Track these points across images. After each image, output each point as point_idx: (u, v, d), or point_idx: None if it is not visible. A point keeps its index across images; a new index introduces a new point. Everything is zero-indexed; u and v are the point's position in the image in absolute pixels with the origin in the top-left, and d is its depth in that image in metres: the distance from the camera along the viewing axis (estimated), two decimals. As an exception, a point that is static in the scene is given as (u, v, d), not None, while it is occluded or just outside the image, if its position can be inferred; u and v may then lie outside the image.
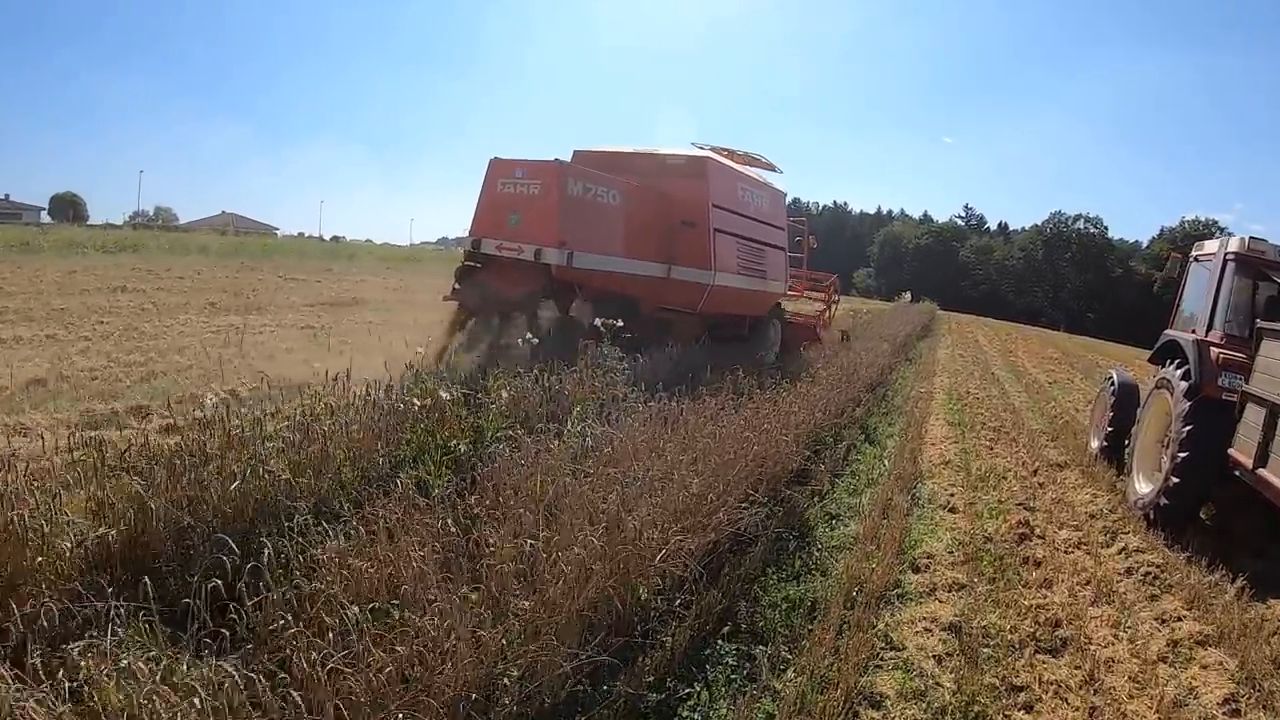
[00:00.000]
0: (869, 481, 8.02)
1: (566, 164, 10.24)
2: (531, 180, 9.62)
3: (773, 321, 14.77)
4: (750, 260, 12.80)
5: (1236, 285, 7.91)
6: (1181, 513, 7.44)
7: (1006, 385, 17.50)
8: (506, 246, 9.57)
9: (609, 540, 4.20)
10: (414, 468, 5.30)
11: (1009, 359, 24.93)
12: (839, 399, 10.00)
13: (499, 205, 9.76)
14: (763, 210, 13.36)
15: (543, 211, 9.40)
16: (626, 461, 5.48)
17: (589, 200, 9.89)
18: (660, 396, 7.32)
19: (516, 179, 9.71)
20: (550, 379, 7.21)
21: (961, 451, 9.77)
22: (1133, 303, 79.36)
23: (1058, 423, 13.14)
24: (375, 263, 38.11)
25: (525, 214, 9.52)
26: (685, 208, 11.31)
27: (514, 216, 9.59)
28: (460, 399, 6.23)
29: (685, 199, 11.33)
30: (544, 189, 9.50)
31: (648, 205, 11.03)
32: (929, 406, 12.74)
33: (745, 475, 5.97)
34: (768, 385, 8.84)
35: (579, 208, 9.70)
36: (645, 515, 4.59)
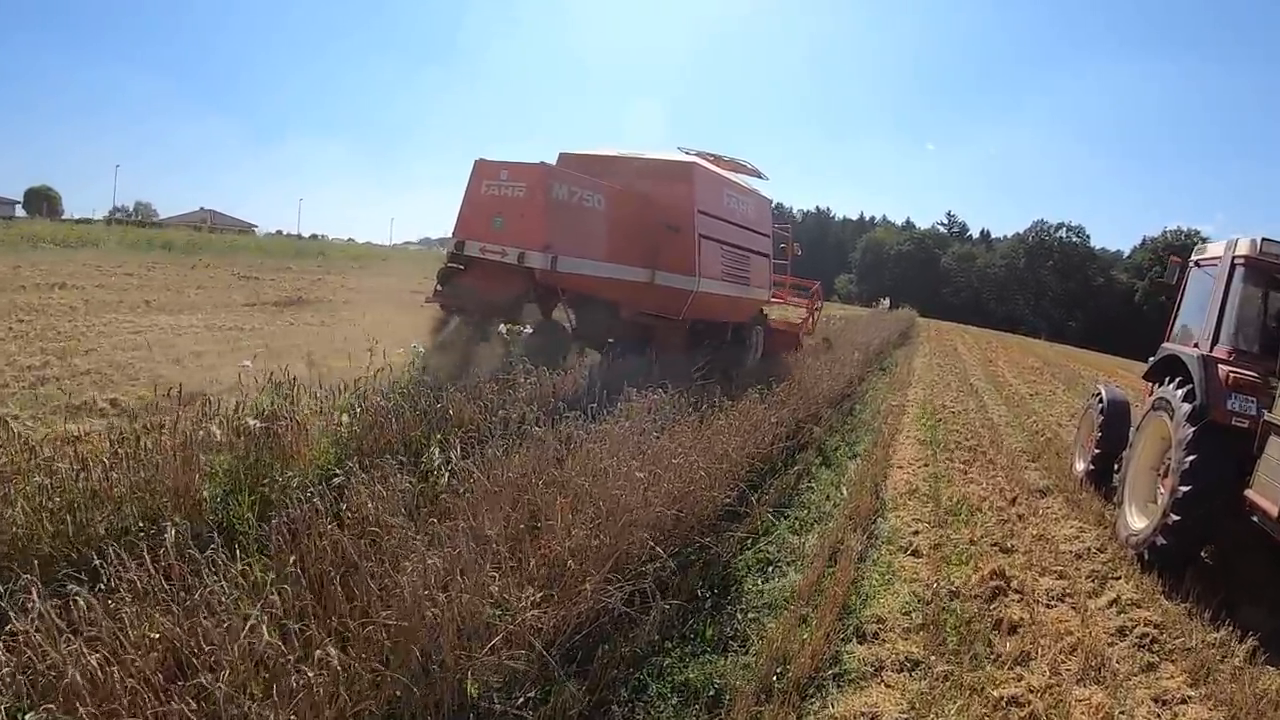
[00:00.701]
0: (819, 516, 6.86)
1: (552, 167, 10.15)
2: (516, 182, 9.52)
3: (755, 328, 14.66)
4: (734, 267, 12.67)
5: (1246, 294, 6.93)
6: (1181, 555, 6.48)
7: (985, 397, 16.45)
8: (490, 249, 9.46)
9: (409, 629, 3.00)
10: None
11: (989, 368, 23.95)
12: (795, 416, 8.83)
13: (483, 207, 9.66)
14: (748, 216, 13.23)
15: (527, 214, 9.34)
16: (483, 510, 4.29)
17: (574, 204, 9.78)
18: (568, 417, 6.17)
19: (501, 181, 9.61)
20: (429, 396, 6.08)
21: (932, 477, 8.64)
22: (1114, 312, 79.48)
23: (1039, 440, 12.09)
24: (344, 261, 37.12)
25: (509, 216, 9.44)
26: (670, 213, 11.19)
27: (498, 219, 9.49)
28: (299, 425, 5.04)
29: (670, 204, 11.22)
30: (529, 191, 9.43)
31: (632, 209, 10.90)
32: (900, 422, 11.63)
33: (651, 520, 4.78)
34: (706, 404, 7.62)
35: (564, 211, 9.59)
36: (478, 585, 3.39)
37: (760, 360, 14.27)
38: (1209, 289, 7.42)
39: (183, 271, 23.57)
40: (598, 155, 11.75)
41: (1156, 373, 7.72)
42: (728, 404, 7.86)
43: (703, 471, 5.61)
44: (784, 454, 8.02)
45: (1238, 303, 6.88)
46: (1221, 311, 6.93)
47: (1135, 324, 75.80)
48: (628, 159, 11.80)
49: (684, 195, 11.31)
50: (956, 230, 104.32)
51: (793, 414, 8.80)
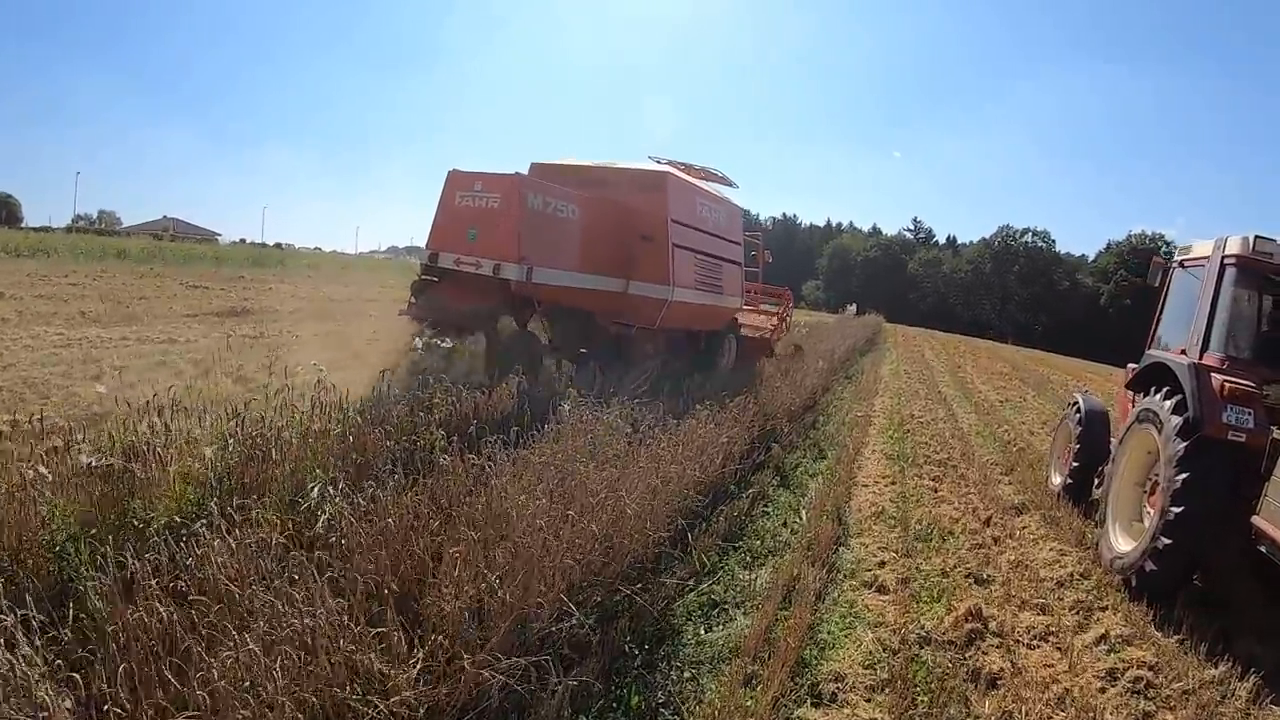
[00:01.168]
0: (774, 547, 6.16)
1: (526, 177, 10.09)
2: (490, 193, 9.49)
3: (728, 336, 14.76)
4: (708, 275, 12.76)
5: (1238, 296, 6.41)
6: (1173, 582, 5.93)
7: (954, 405, 15.92)
8: (464, 261, 9.45)
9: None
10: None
11: (957, 375, 23.52)
12: (750, 433, 8.14)
13: (457, 218, 9.63)
14: (720, 225, 13.35)
15: (502, 226, 9.29)
16: (360, 562, 3.54)
17: (548, 214, 9.78)
18: (492, 441, 5.42)
19: (475, 192, 9.59)
20: (330, 419, 5.30)
21: (900, 496, 7.99)
22: (1080, 315, 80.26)
23: (1012, 450, 11.54)
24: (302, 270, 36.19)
25: (484, 228, 9.40)
26: (644, 222, 11.25)
27: (472, 230, 9.46)
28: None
29: (644, 213, 11.27)
30: (503, 203, 9.38)
31: (606, 219, 10.92)
32: (865, 435, 10.99)
33: (566, 568, 4.05)
34: (648, 422, 6.89)
35: (538, 222, 9.56)
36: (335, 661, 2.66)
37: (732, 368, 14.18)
38: (1195, 292, 6.93)
39: (130, 281, 23.18)
40: (570, 165, 11.80)
41: (1141, 382, 7.16)
42: (673, 423, 7.13)
43: (633, 508, 4.85)
44: (737, 476, 7.31)
45: (1229, 306, 6.37)
46: (1211, 316, 6.41)
47: (1100, 327, 76.66)
48: (600, 169, 11.83)
49: (657, 205, 11.35)
50: (923, 236, 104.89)
51: (748, 431, 8.09)
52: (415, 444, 5.44)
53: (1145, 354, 7.57)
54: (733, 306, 14.50)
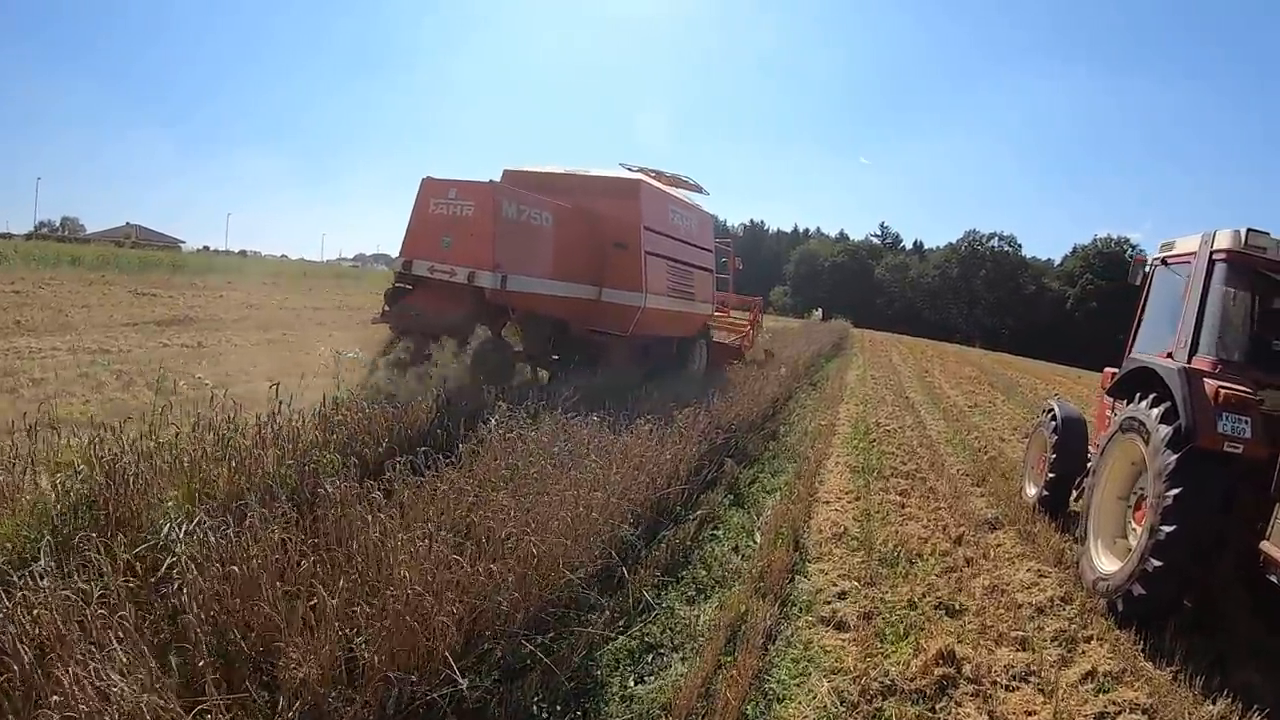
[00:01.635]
0: (722, 577, 5.50)
1: (500, 185, 10.18)
2: (464, 201, 9.51)
3: (699, 342, 14.90)
4: (680, 282, 12.87)
5: (1229, 294, 5.93)
6: (1163, 606, 5.38)
7: (922, 412, 15.43)
8: (439, 269, 9.46)
9: None
10: None
11: (925, 379, 23.12)
12: (700, 448, 7.48)
13: (431, 226, 9.62)
14: (691, 232, 13.48)
15: (477, 233, 9.32)
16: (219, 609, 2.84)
17: (522, 222, 9.82)
18: (399, 463, 4.73)
19: (449, 199, 9.58)
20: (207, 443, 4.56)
21: (863, 514, 7.39)
22: (1046, 319, 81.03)
23: (982, 458, 11.04)
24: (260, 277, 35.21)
25: (458, 235, 9.41)
26: (617, 229, 11.38)
27: (446, 238, 9.47)
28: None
29: (617, 221, 11.39)
30: (478, 210, 9.41)
31: (579, 227, 11.00)
32: (829, 445, 10.40)
33: (454, 622, 3.36)
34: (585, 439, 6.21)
35: (513, 230, 9.61)
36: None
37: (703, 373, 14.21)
38: (1180, 290, 6.48)
39: (78, 289, 22.60)
40: (543, 172, 11.84)
41: (1123, 388, 6.64)
42: (611, 437, 6.45)
43: (552, 542, 4.17)
44: (684, 497, 6.64)
45: (1219, 305, 5.90)
46: (1200, 316, 5.93)
47: (1067, 331, 77.53)
48: (573, 176, 11.89)
49: (630, 212, 11.44)
50: (890, 241, 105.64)
51: (697, 446, 7.43)
52: (306, 469, 4.71)
53: (1127, 358, 7.09)
54: (704, 313, 14.65)
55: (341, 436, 5.38)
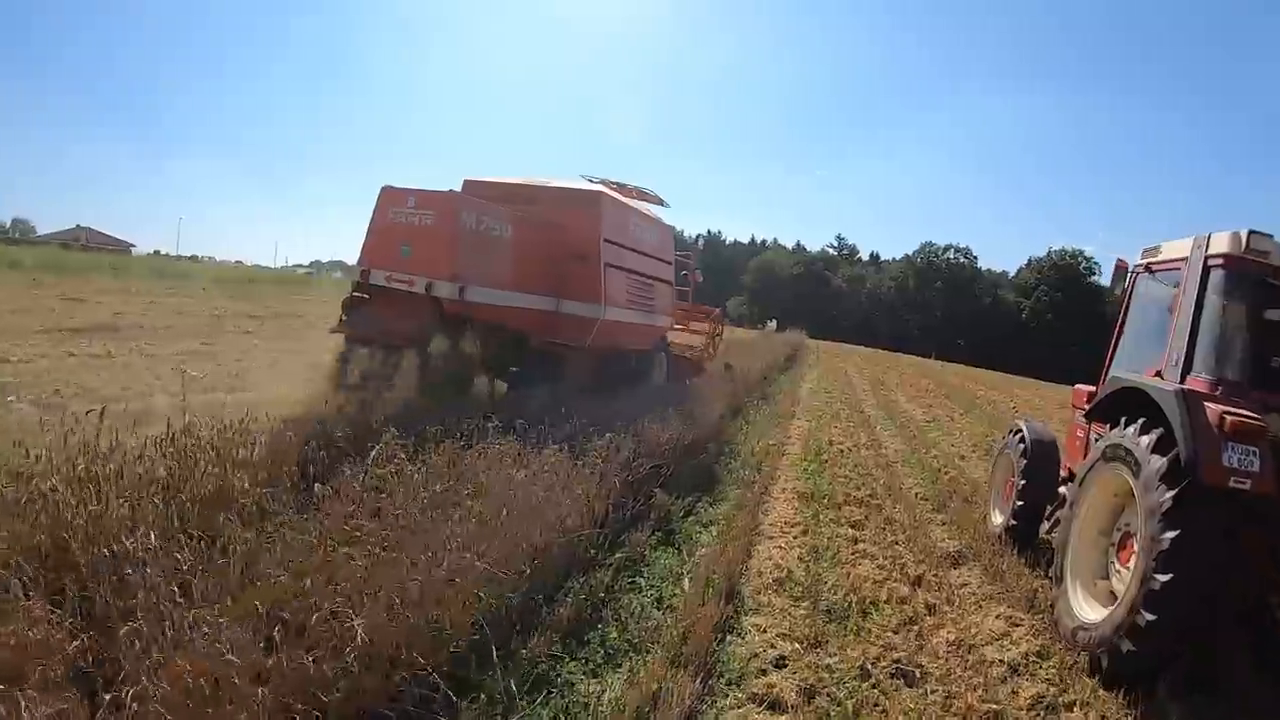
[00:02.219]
0: (637, 640, 4.57)
1: (461, 195, 10.17)
2: (424, 211, 9.45)
3: (659, 355, 14.86)
4: (639, 295, 12.88)
5: (1228, 305, 5.20)
6: (1157, 665, 4.62)
7: (878, 428, 14.73)
8: (397, 278, 9.41)
9: None
10: None
11: (881, 392, 22.54)
12: (622, 480, 6.57)
13: (390, 235, 9.55)
14: (652, 244, 13.51)
15: (436, 243, 9.29)
16: None
17: (482, 232, 9.79)
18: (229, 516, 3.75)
19: (409, 209, 9.51)
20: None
21: (811, 551, 6.53)
22: (1001, 330, 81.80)
23: (942, 479, 10.32)
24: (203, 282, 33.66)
25: (417, 245, 9.36)
26: (577, 241, 11.35)
27: (405, 247, 9.40)
28: None
29: (577, 232, 11.37)
30: (437, 220, 9.38)
31: (539, 238, 10.97)
32: (777, 468, 9.58)
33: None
34: (462, 476, 5.26)
35: (472, 240, 9.58)
36: None
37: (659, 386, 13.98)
38: (1166, 301, 5.80)
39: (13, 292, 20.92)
40: (503, 183, 11.76)
41: (1105, 410, 5.91)
42: (510, 473, 5.49)
43: (370, 628, 3.21)
44: (602, 538, 5.72)
45: (1216, 317, 5.18)
46: (1194, 330, 5.22)
47: (1023, 342, 78.30)
48: (534, 187, 11.83)
49: (591, 224, 11.44)
50: (846, 252, 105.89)
51: (621, 476, 6.52)
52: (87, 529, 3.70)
53: (1106, 376, 6.39)
54: (664, 325, 14.75)
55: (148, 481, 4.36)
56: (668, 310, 14.73)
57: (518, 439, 6.25)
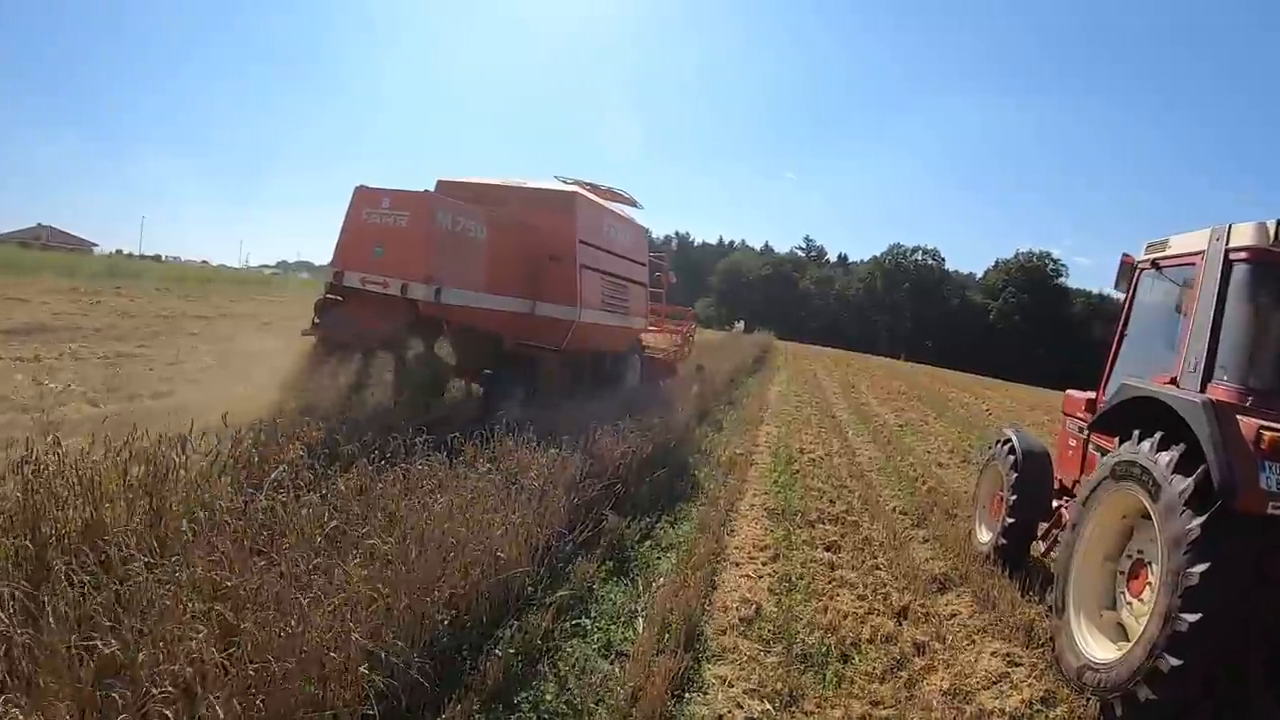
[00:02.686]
0: (576, 702, 3.82)
1: (436, 195, 10.13)
2: (399, 211, 9.31)
3: (633, 356, 14.79)
4: (614, 296, 12.82)
5: (1256, 304, 4.62)
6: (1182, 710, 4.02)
7: (850, 433, 14.13)
8: (371, 280, 9.24)
9: None
10: None
11: (852, 395, 21.99)
12: (569, 504, 5.82)
13: (364, 236, 9.39)
14: (626, 246, 13.47)
15: (410, 244, 9.15)
16: None
17: (457, 233, 9.64)
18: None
19: (383, 209, 9.36)
20: None
21: (783, 582, 5.84)
22: (969, 331, 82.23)
23: (920, 490, 9.73)
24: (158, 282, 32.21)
25: (391, 246, 9.20)
26: (552, 242, 11.27)
27: (379, 248, 9.25)
28: None
29: (552, 234, 11.27)
30: (412, 221, 9.23)
31: (514, 239, 10.82)
32: (745, 480, 8.90)
33: None
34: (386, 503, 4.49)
35: (447, 241, 9.45)
36: None
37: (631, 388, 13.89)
38: (1176, 299, 5.23)
39: None
40: (478, 183, 11.65)
41: (1113, 421, 5.30)
42: (435, 496, 4.72)
43: None
44: (543, 574, 4.99)
45: (1242, 318, 4.58)
46: (1215, 332, 4.60)
47: (990, 343, 78.79)
48: (509, 187, 11.74)
49: (566, 225, 11.35)
50: (815, 254, 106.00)
51: (569, 497, 5.78)
52: None
53: (1110, 381, 5.79)
54: (638, 327, 14.70)
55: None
56: (642, 312, 14.66)
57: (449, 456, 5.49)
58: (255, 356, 13.88)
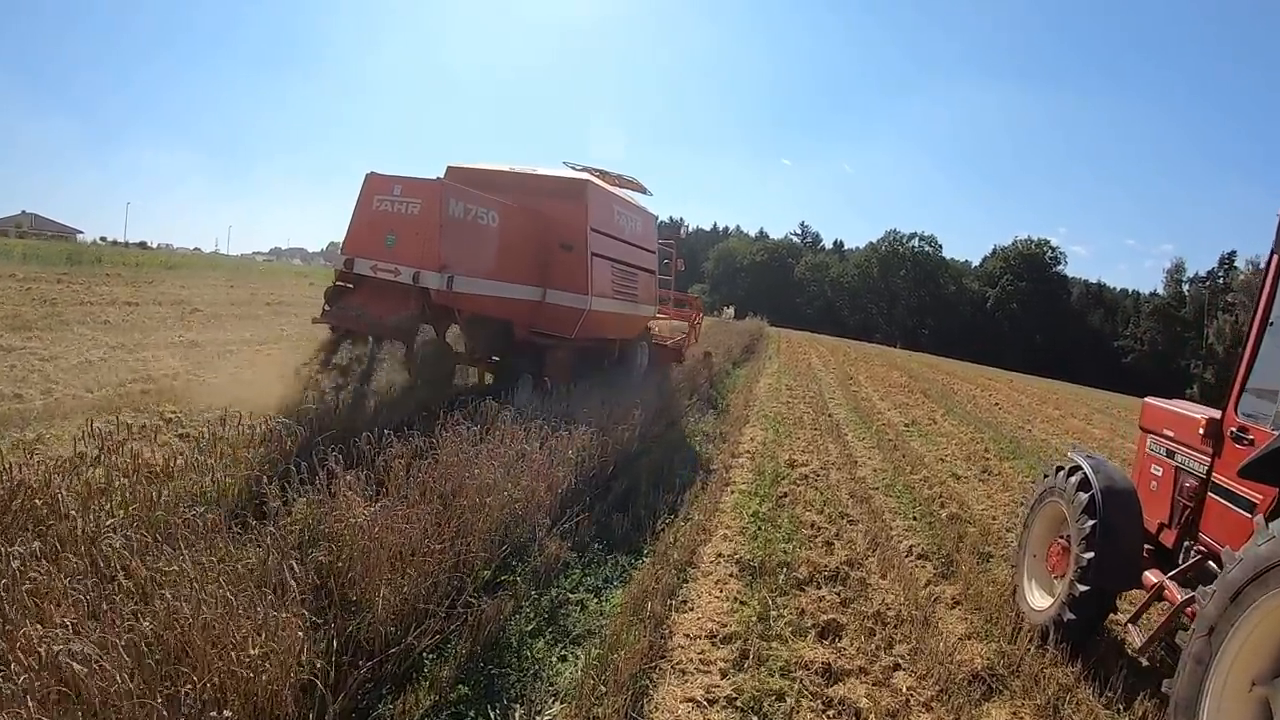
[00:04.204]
0: None
1: (448, 183, 9.64)
2: (410, 199, 9.10)
3: (641, 344, 14.66)
4: (624, 284, 12.66)
5: None
6: None
7: (850, 437, 12.04)
8: (382, 268, 9.07)
9: None
10: None
11: (850, 388, 19.87)
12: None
13: (375, 224, 9.21)
14: (636, 233, 13.29)
15: (422, 232, 8.95)
16: None
17: (469, 221, 9.45)
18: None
19: (394, 196, 9.17)
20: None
21: (753, 705, 3.74)
22: (966, 318, 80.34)
23: (940, 517, 7.73)
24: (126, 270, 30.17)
25: (403, 234, 9.02)
26: (563, 230, 11.12)
27: (391, 236, 9.06)
28: None
29: (564, 221, 11.14)
30: (424, 209, 9.02)
31: (525, 227, 10.73)
32: (714, 512, 6.79)
33: None
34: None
35: (459, 229, 9.27)
36: None
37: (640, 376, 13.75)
38: None
39: None
40: (488, 170, 11.49)
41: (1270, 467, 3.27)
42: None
43: None
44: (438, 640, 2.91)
45: None
46: None
47: (987, 331, 76.97)
48: (519, 174, 11.59)
49: (577, 213, 11.18)
50: (810, 240, 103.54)
51: (423, 581, 3.67)
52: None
53: (1243, 395, 3.76)
54: (647, 315, 14.43)
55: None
56: (651, 299, 14.39)
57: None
58: (141, 349, 11.87)
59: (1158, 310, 77.24)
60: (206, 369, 10.92)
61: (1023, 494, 9.79)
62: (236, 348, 13.05)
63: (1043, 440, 15.33)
